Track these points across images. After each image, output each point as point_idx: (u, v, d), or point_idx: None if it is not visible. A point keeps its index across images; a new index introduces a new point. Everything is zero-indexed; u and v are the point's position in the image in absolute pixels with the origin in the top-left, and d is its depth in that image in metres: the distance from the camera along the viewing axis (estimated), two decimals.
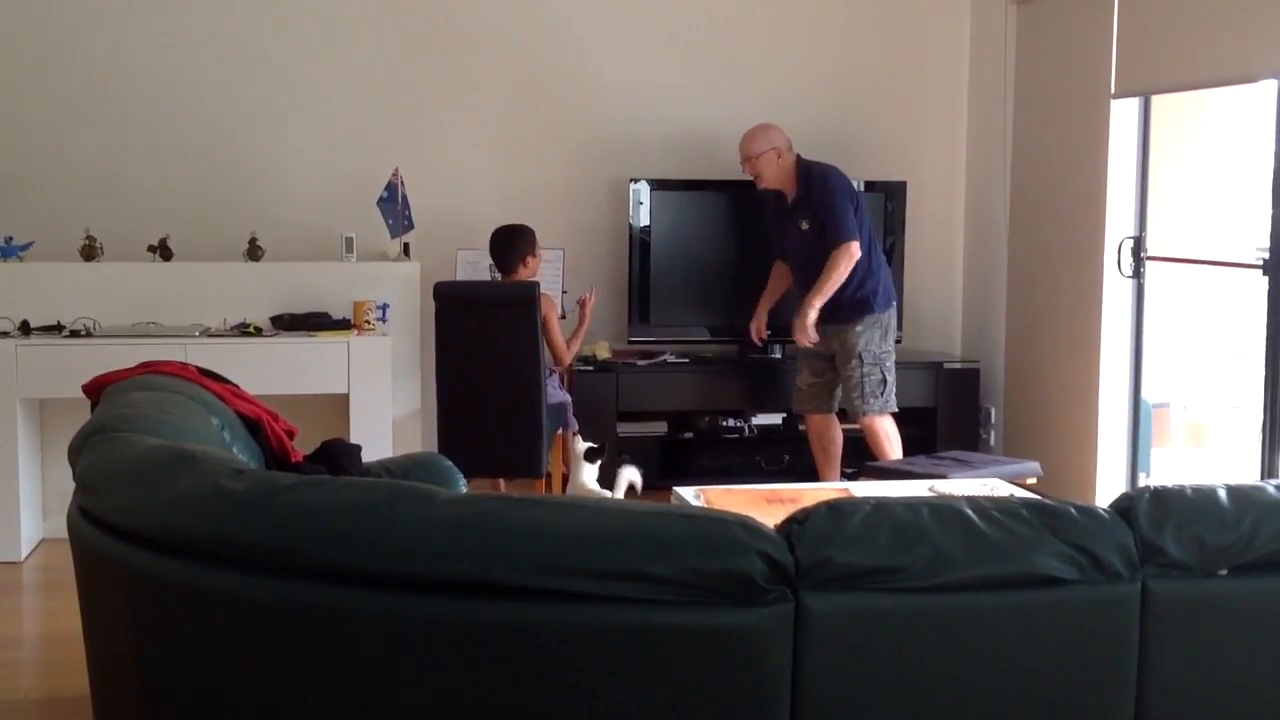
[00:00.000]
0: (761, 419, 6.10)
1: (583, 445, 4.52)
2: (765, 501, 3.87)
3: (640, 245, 6.07)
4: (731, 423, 6.09)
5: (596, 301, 5.63)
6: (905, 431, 5.65)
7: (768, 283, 5.82)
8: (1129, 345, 5.41)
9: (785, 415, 5.99)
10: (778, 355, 6.00)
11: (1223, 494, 2.34)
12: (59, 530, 3.75)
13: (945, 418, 6.07)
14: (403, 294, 5.59)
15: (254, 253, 5.55)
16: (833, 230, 5.34)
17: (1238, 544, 2.29)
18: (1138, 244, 5.34)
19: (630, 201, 6.08)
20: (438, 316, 5.22)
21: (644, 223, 6.07)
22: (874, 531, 2.18)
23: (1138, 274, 5.34)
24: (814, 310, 5.31)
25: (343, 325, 5.40)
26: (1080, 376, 5.53)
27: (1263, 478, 4.55)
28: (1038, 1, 5.88)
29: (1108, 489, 5.37)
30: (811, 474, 5.69)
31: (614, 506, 2.25)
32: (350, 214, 5.78)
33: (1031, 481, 4.71)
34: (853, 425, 5.59)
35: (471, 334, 5.15)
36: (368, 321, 5.39)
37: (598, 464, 4.50)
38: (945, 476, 4.53)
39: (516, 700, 2.10)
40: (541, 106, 6.16)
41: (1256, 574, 2.32)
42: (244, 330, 5.34)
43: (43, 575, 5.07)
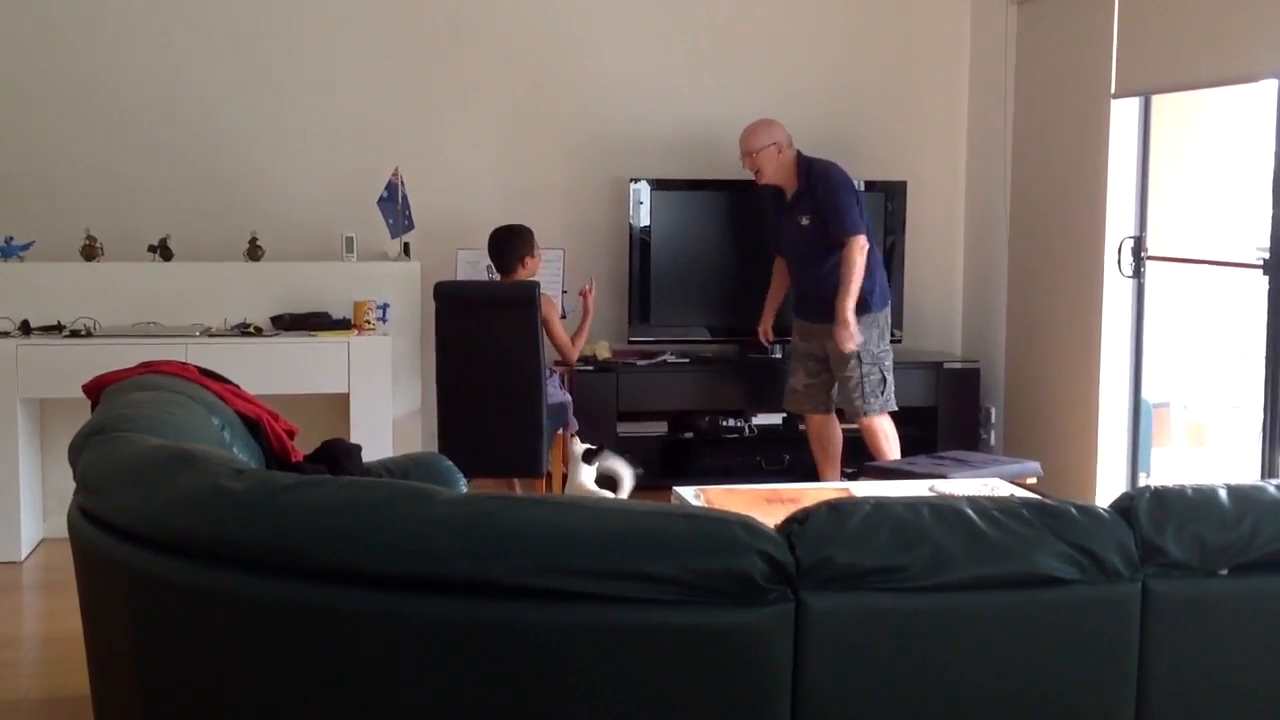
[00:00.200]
0: (762, 419, 6.10)
1: (581, 446, 4.54)
2: (765, 501, 3.87)
3: (640, 245, 6.07)
4: (732, 423, 6.09)
5: (596, 295, 5.63)
6: (905, 431, 5.65)
7: (771, 283, 5.82)
8: (1129, 345, 5.41)
9: (785, 415, 5.99)
10: (778, 355, 6.00)
11: (1223, 494, 2.34)
12: (59, 530, 3.76)
13: (945, 418, 6.07)
14: (403, 294, 5.60)
15: (254, 253, 5.55)
16: (838, 225, 5.34)
17: (1238, 544, 2.29)
18: (1138, 244, 5.34)
19: (630, 201, 6.08)
20: (438, 316, 5.22)
21: (644, 223, 6.07)
22: (874, 531, 2.18)
23: (1138, 274, 5.34)
24: (849, 312, 5.29)
25: (343, 325, 5.40)
26: (1080, 376, 5.53)
27: (1263, 477, 4.55)
28: (1038, 1, 5.88)
29: (1108, 489, 5.36)
30: (812, 474, 5.69)
31: (614, 506, 2.25)
32: (350, 214, 5.78)
33: (1032, 481, 4.71)
34: (852, 425, 5.59)
35: (472, 334, 5.16)
36: (368, 321, 5.39)
37: (595, 465, 4.51)
38: (945, 476, 4.54)
39: (516, 700, 2.09)
40: (542, 106, 6.16)
41: (1257, 574, 2.32)
42: (244, 330, 5.34)
43: (43, 575, 5.07)
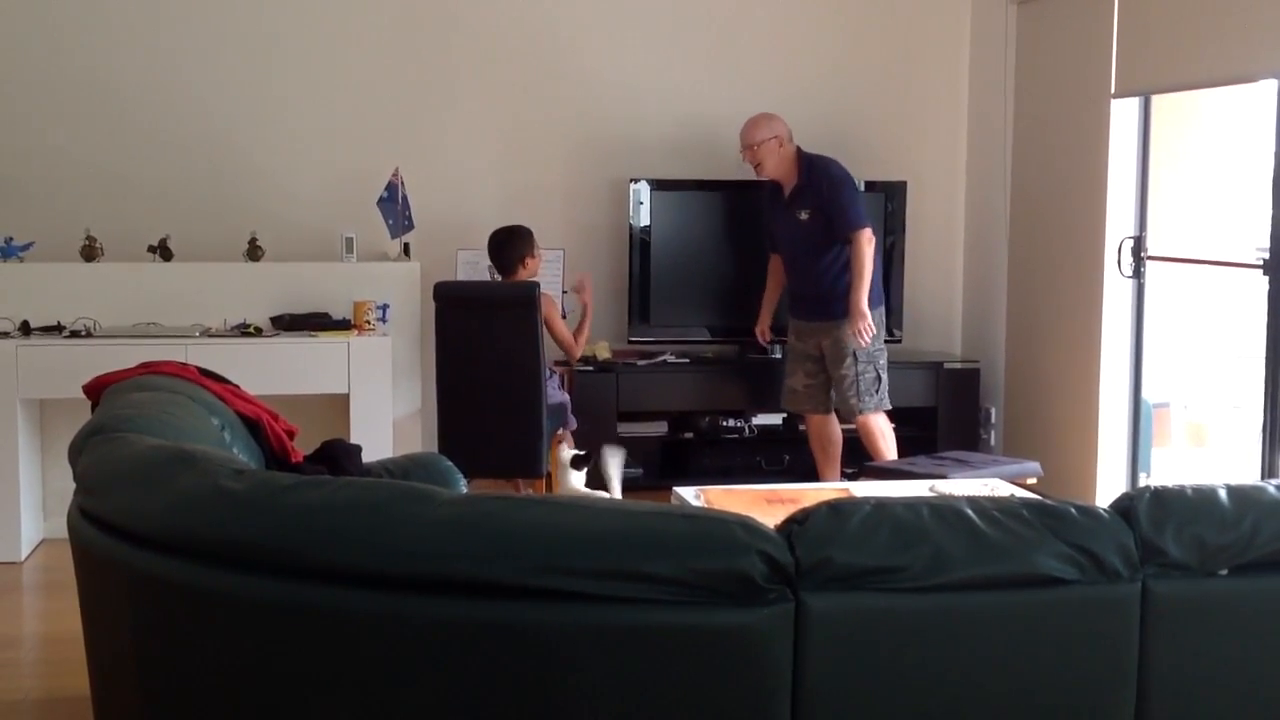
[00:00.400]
0: (762, 419, 6.10)
1: (569, 453, 4.40)
2: (765, 502, 3.87)
3: (640, 245, 6.07)
4: (732, 423, 6.09)
5: (595, 294, 5.64)
6: (905, 432, 5.64)
7: (767, 282, 5.82)
8: (1129, 345, 5.40)
9: (785, 415, 5.99)
10: (778, 355, 6.00)
11: (1223, 494, 2.34)
12: (59, 530, 3.76)
13: (945, 418, 6.07)
14: (403, 294, 5.59)
15: (254, 253, 5.55)
16: (842, 221, 5.35)
17: (1238, 544, 2.29)
18: (1138, 244, 5.34)
19: (630, 201, 6.08)
20: (438, 317, 5.22)
21: (644, 223, 6.07)
22: (874, 531, 2.18)
23: (1138, 274, 5.34)
24: (864, 304, 5.31)
25: (343, 325, 5.40)
26: (1081, 376, 5.53)
27: (1263, 478, 4.55)
28: (1038, 1, 5.88)
29: (1108, 489, 5.36)
30: (812, 474, 5.69)
31: (614, 507, 2.25)
32: (350, 214, 5.78)
33: (1032, 482, 4.71)
34: (849, 424, 5.58)
35: (472, 334, 5.16)
36: (368, 322, 5.39)
37: (585, 470, 4.40)
38: (945, 476, 4.54)
39: (516, 700, 2.09)
40: (542, 106, 6.16)
41: (1257, 574, 2.32)
42: (244, 330, 5.34)
43: (43, 575, 5.07)
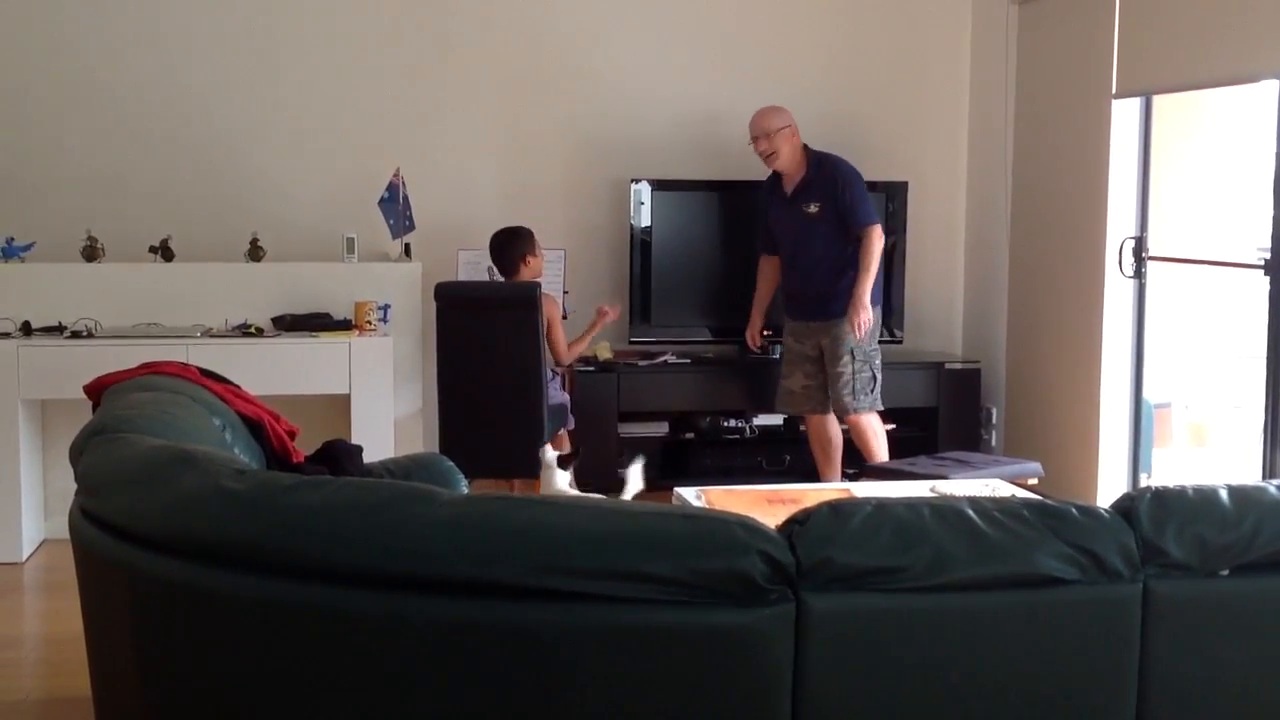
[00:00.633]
0: (763, 419, 6.09)
1: (552, 454, 4.33)
2: (766, 502, 3.88)
3: (641, 245, 6.07)
4: (733, 423, 6.09)
5: (595, 301, 5.64)
6: (906, 432, 5.64)
7: (757, 285, 5.81)
8: (1130, 345, 5.40)
9: (786, 416, 5.99)
10: (778, 356, 6.00)
11: (1224, 494, 2.34)
12: (60, 531, 3.77)
13: (946, 418, 6.07)
14: (404, 294, 5.59)
15: (255, 253, 5.55)
16: (855, 216, 5.38)
17: (1239, 544, 2.29)
18: (1139, 244, 5.33)
19: (631, 201, 6.08)
20: (439, 317, 5.22)
21: (645, 223, 6.07)
22: (875, 532, 2.18)
23: (1139, 274, 5.34)
24: (867, 296, 5.33)
25: (344, 326, 5.40)
26: (1081, 376, 5.53)
27: (1264, 478, 4.54)
28: (1038, 1, 5.88)
29: (1109, 489, 5.36)
30: (812, 474, 5.68)
31: (614, 507, 2.25)
32: (351, 214, 5.78)
33: (1033, 482, 4.71)
34: (841, 422, 5.58)
35: (473, 334, 5.16)
36: (369, 322, 5.39)
37: (570, 469, 4.35)
38: (946, 477, 4.54)
39: (517, 700, 2.09)
40: (542, 106, 6.16)
41: (1258, 574, 2.32)
42: (245, 331, 5.34)
43: (44, 576, 5.07)
